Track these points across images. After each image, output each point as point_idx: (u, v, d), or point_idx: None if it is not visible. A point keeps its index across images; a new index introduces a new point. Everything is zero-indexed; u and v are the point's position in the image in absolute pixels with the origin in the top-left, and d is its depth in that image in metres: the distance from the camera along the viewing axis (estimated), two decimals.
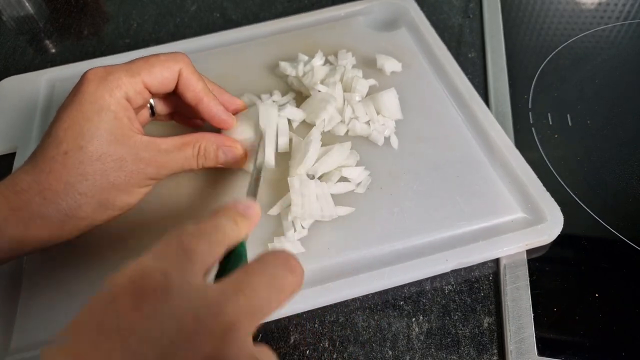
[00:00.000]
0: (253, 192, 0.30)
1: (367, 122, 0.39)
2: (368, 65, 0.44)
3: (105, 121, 0.28)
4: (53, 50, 0.54)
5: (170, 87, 0.32)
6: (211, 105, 0.33)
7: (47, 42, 0.55)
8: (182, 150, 0.32)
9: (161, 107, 0.36)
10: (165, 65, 0.31)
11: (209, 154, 0.33)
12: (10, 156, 0.41)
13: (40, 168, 0.28)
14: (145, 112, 0.35)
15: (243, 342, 0.17)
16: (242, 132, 0.35)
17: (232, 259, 0.23)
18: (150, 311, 0.16)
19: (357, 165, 0.36)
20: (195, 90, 0.32)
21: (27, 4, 0.60)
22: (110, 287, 0.17)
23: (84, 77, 0.30)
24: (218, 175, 0.37)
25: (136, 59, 0.31)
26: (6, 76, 0.48)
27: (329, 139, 0.38)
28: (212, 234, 0.21)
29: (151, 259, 0.18)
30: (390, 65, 0.43)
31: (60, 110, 0.29)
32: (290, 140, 0.38)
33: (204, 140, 0.33)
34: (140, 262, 0.18)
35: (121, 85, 0.29)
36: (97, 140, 0.28)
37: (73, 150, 0.28)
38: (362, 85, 0.40)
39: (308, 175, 0.35)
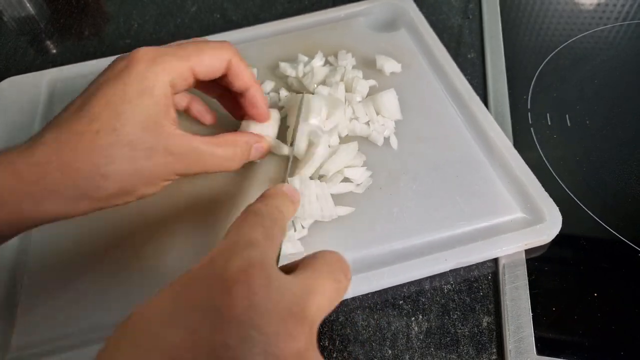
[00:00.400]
0: (290, 178, 0.33)
1: (367, 123, 0.39)
2: (368, 65, 0.44)
3: (144, 105, 0.27)
4: (54, 51, 0.54)
5: (216, 75, 0.31)
6: (257, 94, 0.34)
7: (48, 42, 0.55)
8: (214, 151, 0.31)
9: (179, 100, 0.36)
10: (215, 54, 0.30)
11: (243, 156, 0.33)
12: None
13: (65, 142, 0.26)
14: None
15: (315, 339, 0.19)
16: (264, 129, 0.36)
17: None
18: (258, 302, 0.18)
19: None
20: (245, 79, 0.32)
21: (28, 5, 0.60)
22: (225, 275, 0.18)
23: (133, 56, 0.28)
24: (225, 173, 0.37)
25: (186, 43, 0.30)
26: (7, 77, 0.48)
27: None
28: (280, 219, 0.23)
29: (252, 250, 0.20)
30: (389, 65, 0.43)
31: (97, 84, 0.28)
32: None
33: (239, 143, 0.32)
34: (247, 254, 0.19)
35: (169, 69, 0.28)
36: (130, 125, 0.27)
37: (105, 130, 0.26)
38: (363, 86, 0.40)
39: (314, 177, 0.35)
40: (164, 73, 0.28)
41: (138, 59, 0.28)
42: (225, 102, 0.38)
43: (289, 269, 0.21)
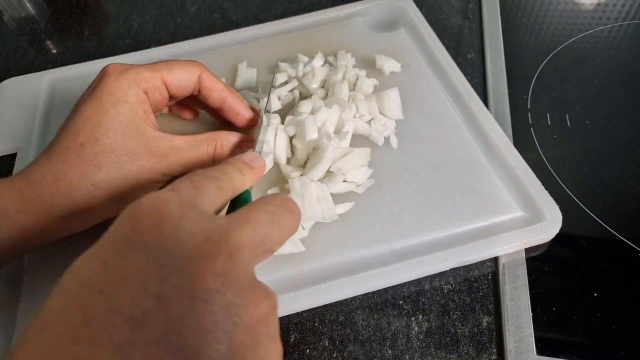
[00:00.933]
0: (259, 150, 0.33)
1: (369, 122, 0.39)
2: (367, 65, 0.44)
3: (121, 114, 0.29)
4: (54, 51, 0.54)
5: (187, 89, 0.33)
6: (235, 103, 0.35)
7: (48, 42, 0.55)
8: (196, 148, 0.32)
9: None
10: (185, 68, 0.32)
11: (226, 152, 0.33)
12: (12, 157, 0.42)
13: (56, 159, 0.28)
14: None
15: (246, 266, 0.19)
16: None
17: (239, 205, 0.25)
18: (169, 231, 0.19)
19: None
20: (219, 90, 0.34)
21: (28, 5, 0.60)
22: (135, 209, 0.19)
23: (104, 70, 0.30)
24: None
25: (157, 62, 0.32)
26: (7, 77, 0.48)
27: None
28: (220, 179, 0.23)
29: (167, 191, 0.21)
30: (389, 65, 0.43)
31: (78, 103, 0.30)
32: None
33: (220, 139, 0.33)
34: (159, 193, 0.20)
35: (139, 80, 0.30)
36: (112, 133, 0.29)
37: (89, 142, 0.28)
38: (368, 85, 0.40)
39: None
40: (135, 82, 0.30)
41: (109, 73, 0.30)
42: (211, 112, 0.38)
43: None
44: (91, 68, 0.48)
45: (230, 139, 0.33)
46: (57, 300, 0.17)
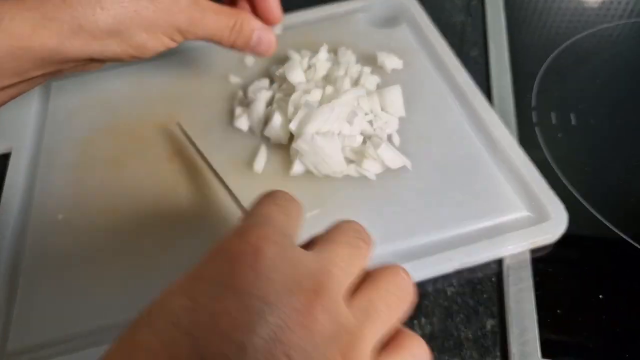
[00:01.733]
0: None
1: (370, 121, 0.38)
2: (368, 62, 0.43)
3: None
4: None
5: None
6: None
7: None
8: (219, 15, 0.32)
9: None
10: None
11: (245, 32, 0.34)
12: (5, 156, 0.41)
13: None
14: None
15: (343, 317, 0.18)
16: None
17: None
18: (265, 275, 0.17)
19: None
20: None
21: None
22: (232, 248, 0.18)
23: None
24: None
25: None
26: None
27: None
28: (293, 201, 0.23)
29: (264, 226, 0.20)
30: (391, 62, 0.42)
31: None
32: None
33: (245, 17, 0.34)
34: (259, 228, 0.19)
35: None
36: None
37: None
38: (371, 82, 0.40)
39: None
40: None
41: None
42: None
43: (307, 247, 0.21)
44: None
45: (252, 23, 0.34)
46: (143, 332, 0.17)
